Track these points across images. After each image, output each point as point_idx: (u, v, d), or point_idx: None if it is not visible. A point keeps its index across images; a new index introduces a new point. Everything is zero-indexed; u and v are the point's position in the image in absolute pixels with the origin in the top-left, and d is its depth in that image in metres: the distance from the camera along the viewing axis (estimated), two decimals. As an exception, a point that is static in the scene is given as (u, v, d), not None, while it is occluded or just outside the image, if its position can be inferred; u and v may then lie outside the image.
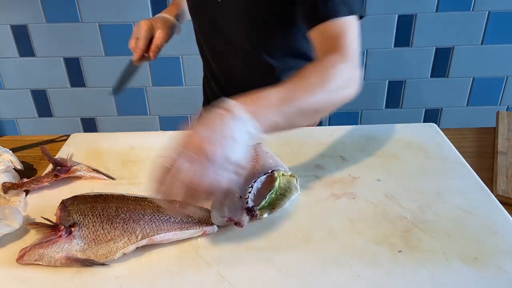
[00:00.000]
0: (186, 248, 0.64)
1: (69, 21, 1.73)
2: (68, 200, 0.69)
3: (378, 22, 1.73)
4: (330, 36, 0.73)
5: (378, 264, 0.60)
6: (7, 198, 0.75)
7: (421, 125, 0.97)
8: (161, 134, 0.99)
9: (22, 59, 1.81)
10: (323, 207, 0.72)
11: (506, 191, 0.78)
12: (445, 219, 0.68)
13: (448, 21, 1.73)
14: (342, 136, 0.92)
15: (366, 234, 0.66)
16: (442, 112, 1.95)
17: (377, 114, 1.95)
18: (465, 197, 0.73)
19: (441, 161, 0.83)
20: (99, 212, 0.66)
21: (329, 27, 0.73)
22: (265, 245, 0.64)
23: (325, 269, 0.60)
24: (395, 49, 1.79)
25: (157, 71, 1.83)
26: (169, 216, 0.67)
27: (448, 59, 1.81)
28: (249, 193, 0.70)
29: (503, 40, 1.77)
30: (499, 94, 1.91)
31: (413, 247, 0.63)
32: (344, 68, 0.69)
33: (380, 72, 1.84)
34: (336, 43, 0.72)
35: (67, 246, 0.62)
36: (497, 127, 1.00)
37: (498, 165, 0.86)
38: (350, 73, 0.70)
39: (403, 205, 0.72)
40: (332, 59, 0.70)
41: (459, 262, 0.60)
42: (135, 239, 0.63)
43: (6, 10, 1.71)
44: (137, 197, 0.70)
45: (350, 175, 0.80)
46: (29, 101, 1.91)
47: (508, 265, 0.60)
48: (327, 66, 0.69)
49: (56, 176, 0.78)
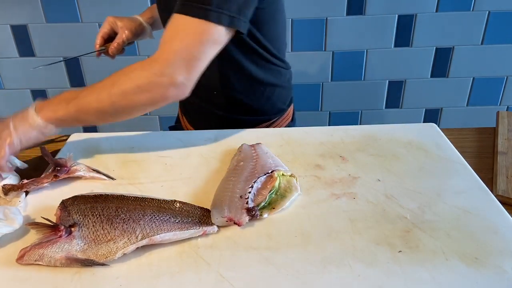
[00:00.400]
0: (186, 248, 0.64)
1: (69, 21, 1.73)
2: (68, 200, 0.69)
3: (378, 22, 1.73)
4: (166, 30, 0.75)
5: (378, 264, 0.60)
6: (7, 199, 0.75)
7: (421, 125, 0.97)
8: (161, 134, 0.99)
9: (22, 59, 1.81)
10: (323, 207, 0.72)
11: (506, 191, 0.78)
12: (445, 219, 0.68)
13: (448, 21, 1.73)
14: (342, 136, 0.92)
15: (366, 234, 0.66)
16: (442, 112, 1.95)
17: (377, 114, 1.95)
18: (465, 197, 0.73)
19: (441, 161, 0.83)
20: (99, 212, 0.66)
21: (172, 22, 0.73)
22: (265, 245, 0.64)
23: (325, 269, 0.60)
24: (395, 49, 1.79)
25: (157, 71, 1.83)
26: (169, 216, 0.67)
27: (448, 59, 1.81)
28: (249, 193, 0.70)
29: (503, 40, 1.78)
30: (499, 94, 1.91)
31: (413, 247, 0.63)
32: (140, 74, 0.73)
33: (380, 72, 1.84)
34: (162, 41, 0.74)
35: (67, 246, 0.62)
36: (497, 127, 1.00)
37: (498, 165, 0.86)
38: (147, 79, 0.73)
39: (403, 205, 0.72)
40: (135, 65, 0.75)
41: (459, 262, 0.60)
42: (135, 239, 0.63)
43: (6, 10, 1.71)
44: (137, 197, 0.70)
45: (350, 175, 0.80)
46: (29, 101, 1.91)
47: (508, 265, 0.60)
48: (125, 71, 0.74)
49: (56, 176, 0.78)
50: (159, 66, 0.72)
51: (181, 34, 0.73)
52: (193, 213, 0.68)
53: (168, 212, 0.68)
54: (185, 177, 0.81)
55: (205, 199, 0.74)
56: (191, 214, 0.68)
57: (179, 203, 0.70)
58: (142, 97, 0.73)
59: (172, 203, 0.70)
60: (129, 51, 1.76)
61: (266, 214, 0.69)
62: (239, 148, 0.86)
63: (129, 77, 0.73)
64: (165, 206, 0.69)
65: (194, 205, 0.70)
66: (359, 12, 1.70)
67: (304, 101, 1.89)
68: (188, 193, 0.76)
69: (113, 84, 0.73)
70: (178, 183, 0.79)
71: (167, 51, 0.73)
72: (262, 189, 0.72)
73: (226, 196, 0.71)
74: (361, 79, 1.85)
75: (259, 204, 0.70)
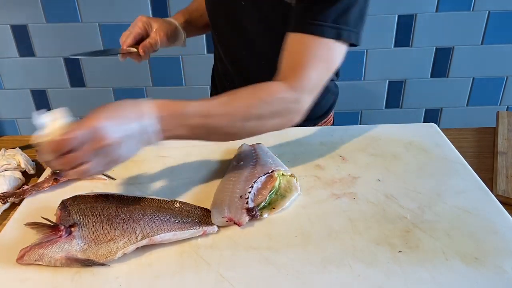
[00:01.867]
0: (186, 248, 0.64)
1: (69, 21, 1.72)
2: (68, 200, 0.69)
3: (378, 22, 1.72)
4: (298, 52, 0.70)
5: (378, 264, 0.60)
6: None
7: (421, 125, 0.97)
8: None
9: (22, 59, 1.81)
10: (323, 207, 0.72)
11: (506, 191, 0.78)
12: (445, 219, 0.68)
13: (448, 21, 1.73)
14: (342, 136, 0.92)
15: (366, 234, 0.66)
16: (442, 112, 1.95)
17: (377, 114, 1.95)
18: (465, 197, 0.73)
19: (441, 161, 0.83)
20: (99, 212, 0.66)
21: (303, 41, 0.69)
22: (265, 245, 0.64)
23: (325, 269, 0.60)
24: (395, 49, 1.79)
25: (157, 71, 1.83)
26: (169, 216, 0.67)
27: (448, 59, 1.81)
28: (249, 193, 0.70)
29: (503, 40, 1.77)
30: (499, 94, 1.91)
31: (413, 247, 0.63)
32: (279, 101, 0.68)
33: (380, 72, 1.84)
34: (296, 65, 0.69)
35: (67, 246, 0.62)
36: (497, 127, 1.00)
37: (498, 165, 0.86)
38: (285, 106, 0.69)
39: (403, 205, 0.72)
40: (272, 89, 0.69)
41: (459, 262, 0.60)
42: (135, 239, 0.63)
43: (6, 10, 1.71)
44: (137, 197, 0.70)
45: (350, 175, 0.80)
46: (29, 101, 1.91)
47: (508, 265, 0.60)
48: (260, 96, 0.68)
49: (56, 180, 0.78)
50: (296, 94, 0.69)
51: (316, 60, 0.70)
52: (193, 213, 0.68)
53: (168, 212, 0.68)
54: (185, 177, 0.81)
55: (205, 199, 0.74)
56: (191, 214, 0.68)
57: (179, 203, 0.70)
58: (275, 121, 0.70)
59: (172, 203, 0.70)
60: (129, 51, 1.77)
61: (266, 214, 0.69)
62: (239, 148, 0.86)
63: (266, 103, 0.68)
64: (165, 206, 0.69)
65: (194, 205, 0.70)
66: (359, 12, 1.70)
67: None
68: (188, 193, 0.76)
69: (248, 109, 0.67)
70: (178, 183, 0.79)
71: (304, 78, 0.69)
72: (262, 189, 0.72)
73: (226, 196, 0.71)
74: (361, 79, 1.85)
75: (259, 204, 0.70)
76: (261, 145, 0.85)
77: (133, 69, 1.81)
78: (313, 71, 0.70)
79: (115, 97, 1.89)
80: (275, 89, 0.69)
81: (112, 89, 1.87)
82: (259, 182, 0.73)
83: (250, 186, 0.71)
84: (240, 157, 0.82)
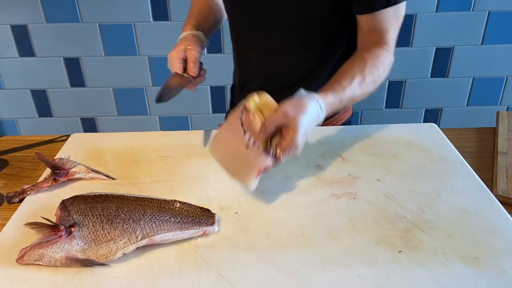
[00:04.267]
0: (186, 248, 0.64)
1: (69, 21, 1.72)
2: (68, 200, 0.69)
3: (378, 22, 1.72)
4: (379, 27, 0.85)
5: (378, 264, 0.60)
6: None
7: (421, 125, 0.97)
8: (161, 134, 0.99)
9: (22, 59, 1.81)
10: (323, 207, 0.72)
11: (506, 191, 0.78)
12: (445, 219, 0.68)
13: (448, 21, 1.73)
14: (342, 136, 0.92)
15: (366, 234, 0.66)
16: (442, 112, 1.95)
17: (377, 114, 1.95)
18: (465, 197, 0.73)
19: (441, 161, 0.83)
20: (99, 212, 0.66)
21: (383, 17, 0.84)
22: (265, 245, 0.64)
23: (325, 269, 0.60)
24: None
25: (157, 71, 1.83)
26: (169, 216, 0.67)
27: (448, 59, 1.81)
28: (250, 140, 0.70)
29: (503, 40, 1.77)
30: (499, 94, 1.91)
31: (413, 247, 0.63)
32: (387, 66, 0.85)
33: (380, 72, 1.84)
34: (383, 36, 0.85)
35: (67, 246, 0.62)
36: (497, 127, 1.00)
37: (498, 165, 0.86)
38: (391, 64, 0.87)
39: (403, 205, 0.72)
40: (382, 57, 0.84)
41: (459, 262, 0.60)
42: (135, 239, 0.63)
43: (6, 10, 1.71)
44: (137, 197, 0.70)
45: (350, 175, 0.80)
46: (29, 101, 1.91)
47: (508, 265, 0.60)
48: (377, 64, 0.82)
49: (55, 180, 0.78)
50: (391, 56, 0.87)
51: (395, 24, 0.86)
52: (193, 213, 0.68)
53: (168, 212, 0.68)
54: (185, 177, 0.81)
55: (205, 199, 0.74)
56: (191, 214, 0.68)
57: (179, 203, 0.70)
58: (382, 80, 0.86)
59: (172, 203, 0.70)
60: (129, 51, 1.77)
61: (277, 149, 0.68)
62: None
63: (383, 70, 0.84)
64: (165, 206, 0.69)
65: (194, 205, 0.70)
66: (359, 12, 1.70)
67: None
68: (188, 193, 0.76)
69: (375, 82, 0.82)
70: (178, 183, 0.79)
71: (392, 41, 0.87)
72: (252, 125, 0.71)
73: (239, 162, 0.71)
74: (361, 79, 1.84)
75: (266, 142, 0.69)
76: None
77: (133, 69, 1.81)
78: (394, 33, 0.87)
79: (115, 97, 1.89)
80: (382, 57, 0.84)
81: (112, 89, 1.86)
82: (245, 125, 0.71)
83: (248, 138, 0.70)
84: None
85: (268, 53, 0.98)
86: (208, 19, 1.03)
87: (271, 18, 0.92)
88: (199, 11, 1.04)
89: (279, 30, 0.93)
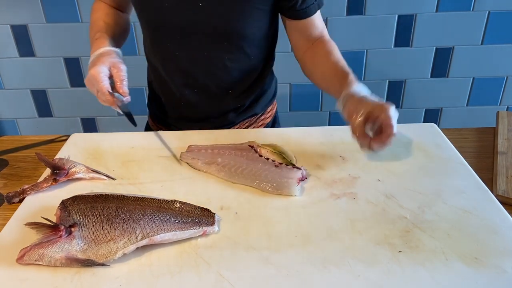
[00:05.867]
0: (186, 248, 0.64)
1: (69, 21, 1.72)
2: (68, 200, 0.69)
3: (378, 22, 1.72)
4: (319, 26, 0.97)
5: (378, 264, 0.60)
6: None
7: (421, 125, 0.97)
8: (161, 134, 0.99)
9: (22, 59, 1.81)
10: (323, 207, 0.72)
11: (506, 191, 0.78)
12: (445, 219, 0.68)
13: (448, 21, 1.73)
14: (342, 136, 0.92)
15: (366, 234, 0.66)
16: (442, 112, 1.95)
17: (377, 114, 1.95)
18: (465, 197, 0.73)
19: (441, 161, 0.83)
20: (99, 212, 0.66)
21: (316, 18, 0.96)
22: (265, 245, 0.64)
23: (325, 269, 0.60)
24: (395, 49, 1.79)
25: (157, 71, 1.83)
26: (169, 216, 0.67)
27: (448, 59, 1.81)
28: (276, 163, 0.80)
29: (503, 40, 1.77)
30: (499, 94, 1.91)
31: (413, 247, 0.63)
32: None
33: (380, 72, 1.84)
34: (322, 29, 0.98)
35: (67, 246, 0.62)
36: (497, 127, 1.00)
37: (498, 165, 0.86)
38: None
39: (403, 205, 0.72)
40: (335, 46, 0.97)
41: (459, 262, 0.60)
42: (135, 239, 0.63)
43: (6, 10, 1.71)
44: (137, 197, 0.70)
45: (350, 175, 0.80)
46: (29, 101, 1.91)
47: (508, 265, 0.60)
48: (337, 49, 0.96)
49: (55, 180, 0.78)
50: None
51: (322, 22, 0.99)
52: (193, 213, 0.68)
53: (168, 212, 0.68)
54: (185, 177, 0.81)
55: (205, 199, 0.74)
56: (191, 214, 0.68)
57: (179, 203, 0.70)
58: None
59: (172, 203, 0.70)
60: (129, 51, 1.77)
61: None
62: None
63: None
64: (165, 206, 0.69)
65: (194, 205, 0.70)
66: (359, 12, 1.70)
67: (304, 101, 1.89)
68: (188, 193, 0.76)
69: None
70: (178, 183, 0.79)
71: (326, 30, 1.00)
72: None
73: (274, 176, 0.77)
74: (361, 79, 1.85)
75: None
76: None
77: (133, 69, 1.80)
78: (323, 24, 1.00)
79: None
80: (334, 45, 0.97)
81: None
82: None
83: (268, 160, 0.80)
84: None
85: (198, 62, 0.96)
86: (117, 34, 1.01)
87: (198, 27, 0.90)
88: (107, 27, 1.00)
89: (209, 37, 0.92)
